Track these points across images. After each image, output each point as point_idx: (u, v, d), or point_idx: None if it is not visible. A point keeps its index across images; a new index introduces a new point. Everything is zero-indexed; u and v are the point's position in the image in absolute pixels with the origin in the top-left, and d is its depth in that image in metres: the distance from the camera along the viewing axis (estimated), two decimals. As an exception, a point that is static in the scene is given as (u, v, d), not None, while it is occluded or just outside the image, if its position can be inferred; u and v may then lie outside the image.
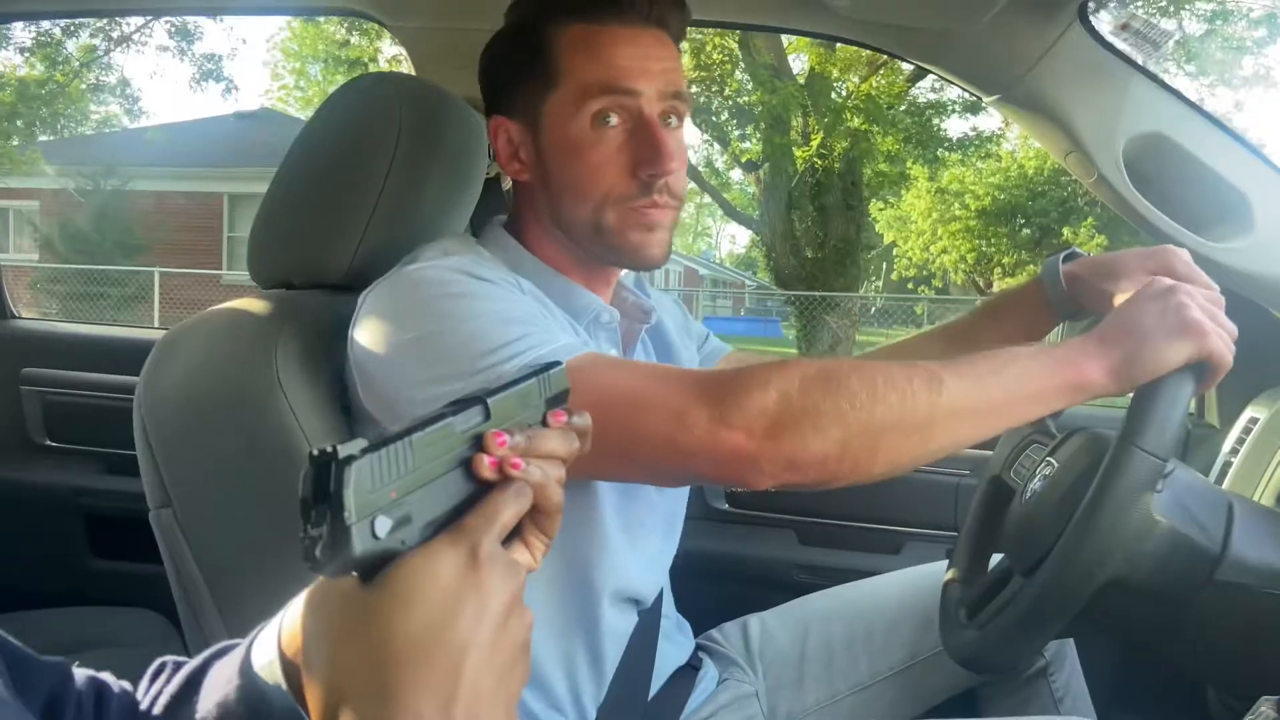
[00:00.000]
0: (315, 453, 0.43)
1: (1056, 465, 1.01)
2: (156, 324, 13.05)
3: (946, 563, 1.20)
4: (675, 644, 1.18)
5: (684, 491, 1.19)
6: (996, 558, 1.19)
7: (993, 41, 1.33)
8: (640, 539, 1.06)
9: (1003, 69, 1.37)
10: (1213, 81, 14.81)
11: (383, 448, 0.44)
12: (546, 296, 0.99)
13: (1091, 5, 1.27)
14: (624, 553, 1.03)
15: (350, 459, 0.42)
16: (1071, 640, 1.24)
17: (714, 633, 1.29)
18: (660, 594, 1.14)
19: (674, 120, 0.99)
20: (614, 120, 0.96)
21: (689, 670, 1.18)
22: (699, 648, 1.24)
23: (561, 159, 0.98)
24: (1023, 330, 1.15)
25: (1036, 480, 1.02)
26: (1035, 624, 0.92)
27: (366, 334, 0.91)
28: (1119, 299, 0.92)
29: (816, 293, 12.00)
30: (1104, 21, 1.31)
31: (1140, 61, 1.31)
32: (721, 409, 0.79)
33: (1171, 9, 12.19)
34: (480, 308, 0.86)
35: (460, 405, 0.50)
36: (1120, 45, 1.29)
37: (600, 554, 1.00)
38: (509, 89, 1.01)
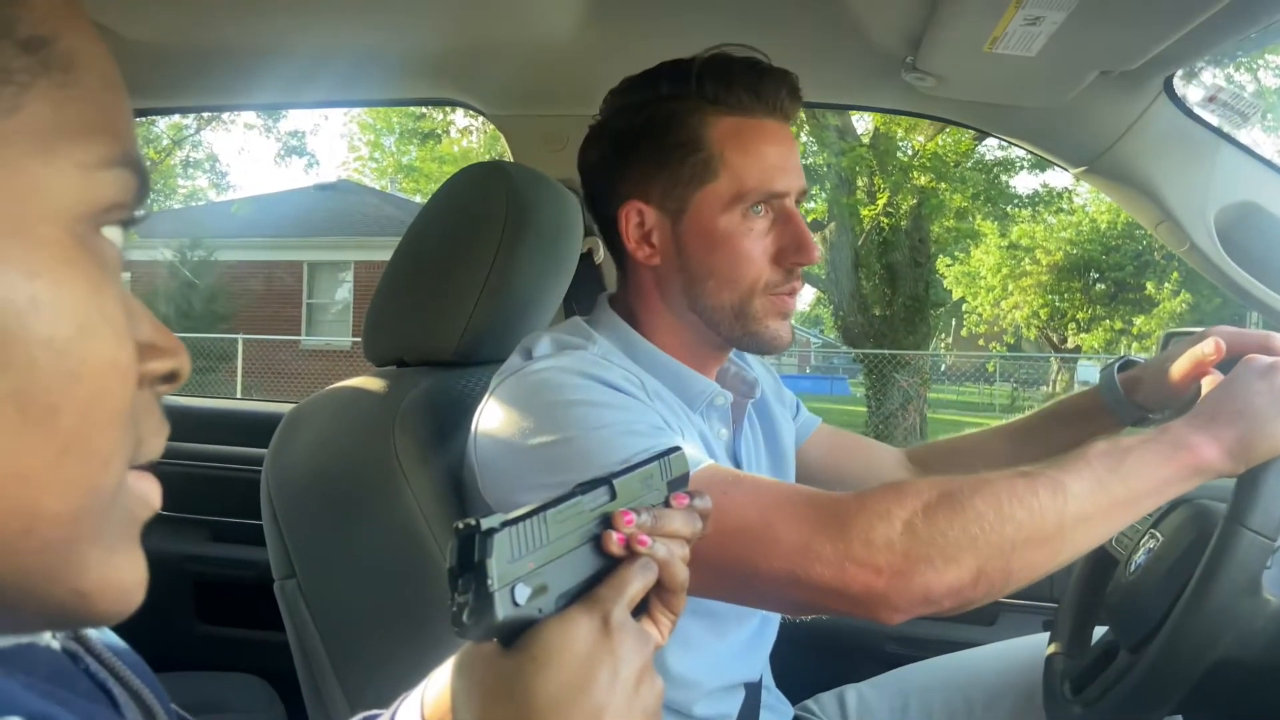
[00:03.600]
0: (460, 526, 0.47)
1: (1161, 538, 1.00)
2: (239, 390, 13.47)
3: (1046, 635, 1.19)
4: (776, 714, 1.19)
5: None
6: (1099, 630, 1.18)
7: (1078, 115, 1.35)
8: (729, 630, 1.06)
9: (1089, 142, 1.39)
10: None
11: (520, 521, 0.48)
12: (663, 386, 1.00)
13: (1176, 79, 1.29)
14: (710, 647, 1.03)
15: (492, 531, 0.46)
16: (1180, 717, 1.21)
17: (810, 703, 1.29)
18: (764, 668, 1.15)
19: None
20: (762, 210, 0.99)
21: (788, 740, 1.19)
22: (796, 719, 1.23)
23: (708, 246, 0.99)
24: (1090, 434, 1.16)
25: (1141, 553, 1.02)
26: (1145, 702, 0.91)
27: (491, 433, 0.92)
28: (1207, 383, 0.94)
29: (885, 351, 11.85)
30: (1189, 92, 1.32)
31: (1228, 132, 1.32)
32: (846, 544, 0.76)
33: (1248, 64, 12.01)
34: (605, 418, 0.86)
35: (588, 485, 0.54)
36: (1208, 117, 1.30)
37: (682, 654, 0.99)
38: (648, 176, 1.00)
